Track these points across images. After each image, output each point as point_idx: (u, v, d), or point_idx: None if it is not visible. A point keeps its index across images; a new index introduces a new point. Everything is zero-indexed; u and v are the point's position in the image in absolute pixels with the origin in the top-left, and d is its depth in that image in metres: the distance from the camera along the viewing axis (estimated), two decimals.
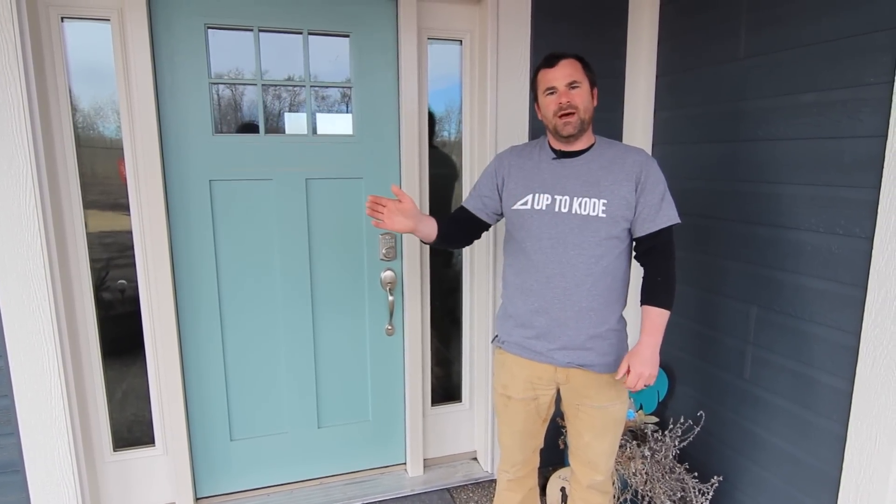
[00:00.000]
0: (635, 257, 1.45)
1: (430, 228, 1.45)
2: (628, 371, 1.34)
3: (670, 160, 1.99)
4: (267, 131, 1.88)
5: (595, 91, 1.41)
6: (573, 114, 1.34)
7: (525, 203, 1.43)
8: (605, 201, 1.36)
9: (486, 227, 1.56)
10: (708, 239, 1.85)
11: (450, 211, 2.16)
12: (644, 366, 1.33)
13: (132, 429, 1.94)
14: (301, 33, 1.85)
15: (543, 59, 1.39)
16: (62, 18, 1.65)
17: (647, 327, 1.37)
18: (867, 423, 1.35)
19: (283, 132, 1.92)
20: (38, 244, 1.60)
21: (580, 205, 1.37)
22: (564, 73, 1.35)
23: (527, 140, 1.99)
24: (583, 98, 1.36)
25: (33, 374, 1.66)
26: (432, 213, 2.05)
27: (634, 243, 1.43)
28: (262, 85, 1.85)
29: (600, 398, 1.43)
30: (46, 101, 1.65)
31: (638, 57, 2.06)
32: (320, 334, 2.04)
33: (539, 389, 1.48)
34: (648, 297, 1.39)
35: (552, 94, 1.36)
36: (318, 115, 1.94)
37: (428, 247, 2.06)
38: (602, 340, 1.40)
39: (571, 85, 1.35)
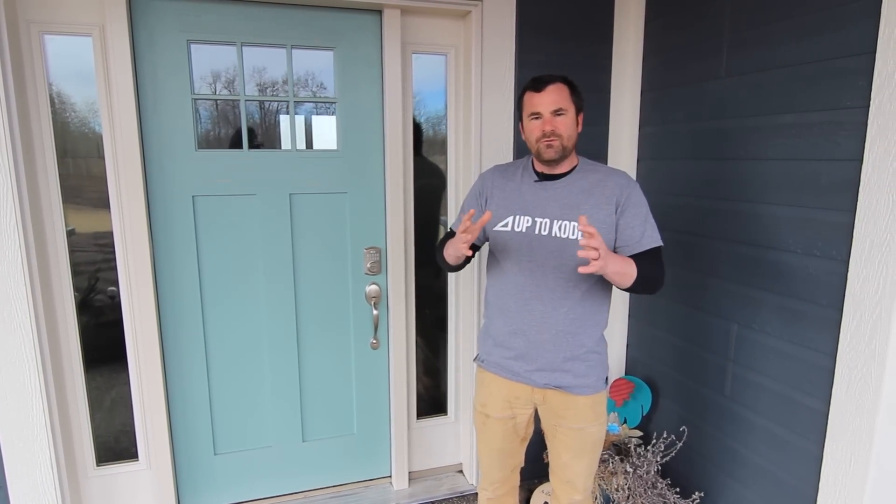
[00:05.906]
0: None
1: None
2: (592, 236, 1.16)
3: (654, 176, 2.00)
4: (250, 146, 1.88)
5: (581, 117, 1.39)
6: (556, 140, 1.34)
7: (506, 225, 1.43)
8: None
9: (476, 248, 1.54)
10: (690, 255, 1.86)
11: (437, 221, 2.17)
12: (606, 257, 1.19)
13: (119, 439, 1.94)
14: (284, 47, 1.85)
15: (531, 80, 1.37)
16: (42, 34, 1.64)
17: (623, 258, 1.29)
18: (842, 445, 1.36)
19: (267, 147, 1.92)
20: (19, 261, 1.59)
21: (560, 227, 1.37)
22: (550, 100, 1.33)
23: (511, 155, 2.00)
24: (567, 126, 1.35)
25: (14, 391, 1.65)
26: (419, 223, 2.06)
27: None
28: (246, 100, 1.85)
29: (577, 420, 1.43)
30: (27, 116, 1.64)
31: (623, 72, 2.06)
32: (305, 348, 2.04)
33: (517, 409, 1.48)
34: (635, 261, 1.31)
35: (537, 119, 1.35)
36: (303, 130, 1.93)
37: (413, 261, 2.07)
38: (580, 362, 1.40)
39: (556, 112, 1.33)
